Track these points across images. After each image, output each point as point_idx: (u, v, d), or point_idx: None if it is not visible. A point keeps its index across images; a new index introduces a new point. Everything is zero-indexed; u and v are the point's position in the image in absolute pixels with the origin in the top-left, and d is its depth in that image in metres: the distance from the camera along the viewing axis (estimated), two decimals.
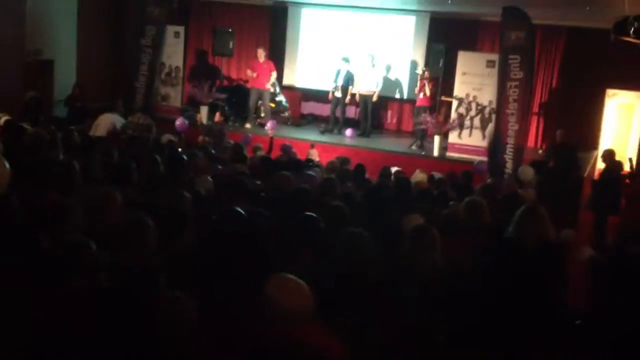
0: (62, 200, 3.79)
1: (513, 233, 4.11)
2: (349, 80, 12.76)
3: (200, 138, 10.05)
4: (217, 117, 11.32)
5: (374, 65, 12.77)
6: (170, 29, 13.02)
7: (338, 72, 12.85)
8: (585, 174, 10.41)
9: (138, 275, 2.89)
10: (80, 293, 2.80)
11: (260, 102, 12.95)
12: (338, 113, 13.10)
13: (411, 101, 13.68)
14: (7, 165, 2.42)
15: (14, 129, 7.49)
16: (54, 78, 12.98)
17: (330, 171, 7.56)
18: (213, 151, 8.22)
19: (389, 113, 14.73)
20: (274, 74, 13.04)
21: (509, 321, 3.31)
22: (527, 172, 8.63)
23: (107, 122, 9.79)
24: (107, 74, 14.41)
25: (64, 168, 4.61)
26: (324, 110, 14.24)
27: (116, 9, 14.59)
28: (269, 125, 10.90)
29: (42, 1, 12.31)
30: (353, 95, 12.85)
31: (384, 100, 14.05)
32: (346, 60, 12.83)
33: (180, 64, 13.32)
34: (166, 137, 9.23)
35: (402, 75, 14.01)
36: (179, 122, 10.64)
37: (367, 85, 12.70)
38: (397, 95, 14.18)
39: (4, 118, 8.60)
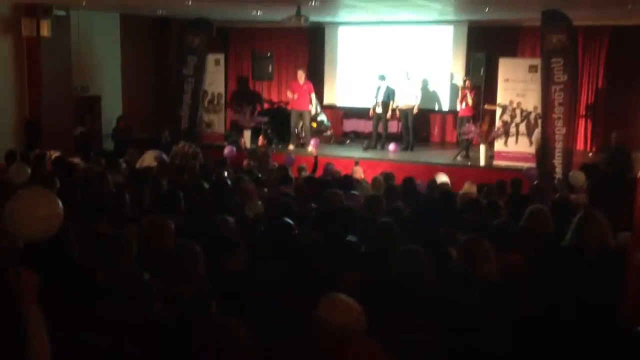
0: (115, 233, 3.87)
1: (572, 241, 4.00)
2: (389, 95, 12.76)
3: (246, 162, 10.17)
4: (261, 140, 11.47)
5: (409, 79, 12.73)
6: (211, 57, 13.26)
7: (378, 89, 12.87)
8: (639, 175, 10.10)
9: (190, 302, 2.92)
10: (138, 323, 2.86)
11: (301, 123, 13.03)
12: (380, 129, 13.09)
13: (453, 112, 13.58)
14: (61, 205, 2.48)
15: (65, 165, 7.75)
16: (101, 112, 13.39)
17: (376, 188, 7.53)
18: (259, 175, 8.31)
19: (432, 125, 14.65)
20: (313, 95, 13.13)
21: (571, 331, 3.21)
22: (579, 177, 8.41)
23: (151, 156, 9.96)
24: (152, 105, 14.77)
25: (115, 200, 4.71)
26: (366, 127, 14.25)
27: (157, 41, 14.98)
28: (312, 143, 10.97)
29: (86, 40, 12.74)
30: (394, 110, 12.84)
31: (426, 113, 13.98)
32: (382, 77, 12.84)
33: (222, 90, 13.55)
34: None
35: (443, 87, 13.93)
36: (227, 150, 10.85)
37: (406, 99, 12.66)
38: (439, 107, 14.10)
39: (55, 155, 8.89)
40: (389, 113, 12.80)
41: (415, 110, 12.66)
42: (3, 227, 2.37)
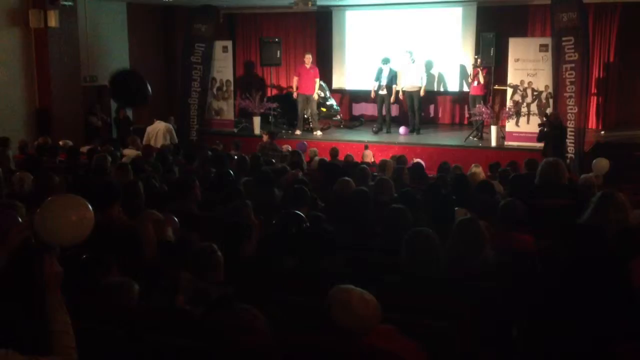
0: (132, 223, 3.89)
1: (591, 220, 3.97)
2: (392, 78, 12.61)
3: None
4: (265, 138, 10.90)
5: (413, 61, 12.54)
6: (219, 44, 13.22)
7: (379, 71, 12.69)
8: None
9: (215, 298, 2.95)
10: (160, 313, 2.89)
11: (309, 108, 12.92)
12: (384, 112, 12.98)
13: (463, 93, 13.48)
14: (92, 210, 2.48)
15: (77, 155, 7.78)
16: (110, 102, 13.40)
17: (383, 170, 7.48)
18: (273, 160, 8.37)
19: (441, 107, 14.55)
20: (317, 80, 12.99)
21: (589, 311, 3.18)
22: (603, 165, 8.13)
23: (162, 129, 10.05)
24: (160, 93, 14.75)
25: (130, 190, 4.71)
26: (375, 110, 14.12)
27: (164, 29, 14.96)
28: None
29: (93, 29, 12.73)
30: (397, 92, 12.73)
31: (434, 95, 13.88)
32: (386, 60, 12.66)
33: (230, 77, 13.50)
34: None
35: (452, 68, 13.79)
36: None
37: (411, 81, 12.53)
38: (448, 88, 13.98)
39: (68, 144, 8.92)
40: (393, 96, 12.68)
41: (422, 93, 12.50)
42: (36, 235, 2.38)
